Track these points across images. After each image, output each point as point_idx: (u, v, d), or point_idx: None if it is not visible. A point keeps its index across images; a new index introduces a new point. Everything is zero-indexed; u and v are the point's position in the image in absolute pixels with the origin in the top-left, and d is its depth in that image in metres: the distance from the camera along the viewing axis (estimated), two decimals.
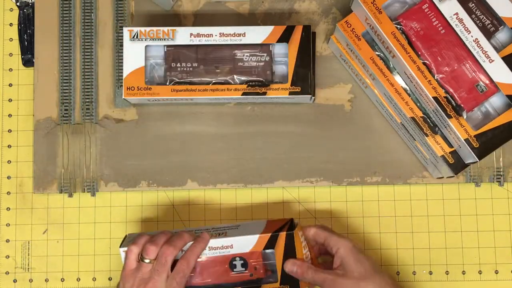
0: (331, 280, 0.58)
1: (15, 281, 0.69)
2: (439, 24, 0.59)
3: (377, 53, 0.63)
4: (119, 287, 0.59)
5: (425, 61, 0.59)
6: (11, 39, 0.73)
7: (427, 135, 0.62)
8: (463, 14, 0.59)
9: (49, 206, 0.70)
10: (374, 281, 0.57)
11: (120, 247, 0.61)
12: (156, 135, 0.69)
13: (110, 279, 0.69)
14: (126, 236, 0.64)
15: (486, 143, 0.58)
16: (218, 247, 0.61)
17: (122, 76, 0.69)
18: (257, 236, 0.60)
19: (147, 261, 0.58)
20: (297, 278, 0.60)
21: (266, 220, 0.64)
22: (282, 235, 0.60)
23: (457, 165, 0.61)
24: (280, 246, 0.60)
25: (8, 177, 0.71)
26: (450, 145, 0.61)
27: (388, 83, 0.62)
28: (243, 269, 0.61)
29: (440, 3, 0.59)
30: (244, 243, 0.60)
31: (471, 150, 0.58)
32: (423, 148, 0.64)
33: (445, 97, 0.59)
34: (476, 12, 0.59)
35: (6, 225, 0.70)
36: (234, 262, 0.61)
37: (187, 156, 0.69)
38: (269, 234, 0.60)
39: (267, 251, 0.60)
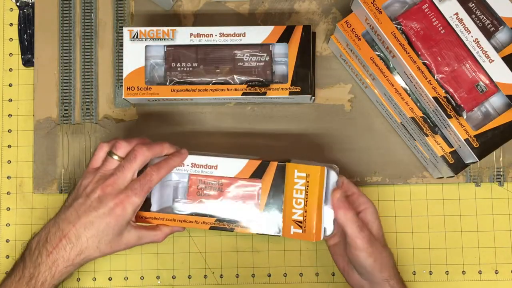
0: (367, 233, 0.56)
1: None
2: (439, 24, 0.59)
3: (377, 53, 0.63)
4: (75, 187, 0.56)
5: (425, 61, 0.59)
6: (11, 39, 0.73)
7: (427, 135, 0.62)
8: (463, 14, 0.59)
9: (49, 206, 0.70)
10: (391, 255, 0.58)
11: None
12: (156, 135, 0.69)
13: (110, 279, 0.69)
14: None
15: (486, 143, 0.58)
16: (202, 165, 0.58)
17: (122, 76, 0.69)
18: (246, 160, 0.58)
19: (115, 157, 0.54)
20: (280, 224, 0.57)
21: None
22: (273, 164, 0.57)
23: (457, 165, 0.61)
24: (268, 176, 0.57)
25: (8, 177, 0.71)
26: (450, 145, 0.61)
27: (388, 83, 0.62)
28: None
29: (440, 3, 0.59)
30: (231, 166, 0.58)
31: (471, 150, 0.58)
32: (423, 148, 0.64)
33: (445, 97, 0.59)
34: (476, 12, 0.60)
35: (6, 225, 0.70)
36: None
37: None
38: (260, 161, 0.57)
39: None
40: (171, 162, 0.57)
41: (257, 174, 0.58)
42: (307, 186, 0.57)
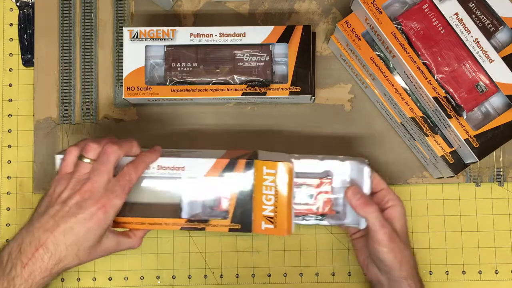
0: (389, 229, 0.56)
1: None
2: (439, 24, 0.59)
3: (377, 53, 0.63)
4: (46, 195, 0.53)
5: (425, 61, 0.59)
6: (11, 39, 0.73)
7: (427, 135, 0.62)
8: (463, 14, 0.59)
9: None
10: (410, 251, 0.58)
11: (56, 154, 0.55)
12: (156, 135, 0.69)
13: (110, 279, 0.69)
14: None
15: (486, 143, 0.58)
16: (168, 167, 0.56)
17: (122, 76, 0.69)
18: (213, 160, 0.56)
19: (86, 160, 0.52)
20: (250, 221, 0.56)
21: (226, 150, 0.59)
22: (242, 162, 0.56)
23: (457, 165, 0.61)
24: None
25: (8, 177, 0.71)
26: (450, 145, 0.61)
27: (388, 83, 0.62)
28: None
29: (440, 3, 0.59)
30: (199, 166, 0.56)
31: (471, 150, 0.58)
32: (423, 148, 0.64)
33: (445, 97, 0.59)
34: (476, 12, 0.59)
35: (6, 225, 0.70)
36: None
37: None
38: (228, 160, 0.56)
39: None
40: (146, 159, 0.55)
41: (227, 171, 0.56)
42: (276, 182, 0.56)
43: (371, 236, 0.57)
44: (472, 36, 0.59)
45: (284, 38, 0.64)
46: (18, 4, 0.73)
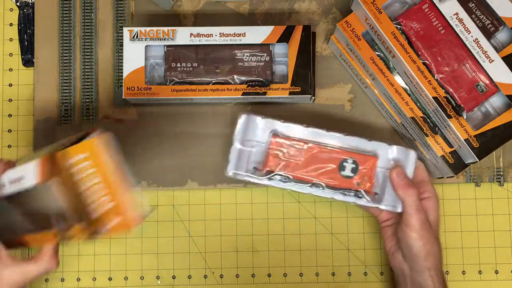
0: (424, 216, 0.57)
1: None
2: (439, 24, 0.59)
3: (377, 53, 0.63)
4: None
5: (425, 61, 0.59)
6: (11, 39, 0.73)
7: (427, 135, 0.62)
8: (463, 14, 0.59)
9: None
10: (439, 244, 0.58)
11: None
12: (156, 135, 0.69)
13: (110, 279, 0.69)
14: None
15: (486, 143, 0.58)
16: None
17: (122, 76, 0.69)
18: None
19: None
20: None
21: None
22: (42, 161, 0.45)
23: (457, 165, 0.61)
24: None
25: None
26: (450, 145, 0.61)
27: (388, 83, 0.62)
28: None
29: (440, 3, 0.59)
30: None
31: (471, 150, 0.58)
32: (423, 148, 0.64)
33: (445, 97, 0.59)
34: (476, 12, 0.59)
35: None
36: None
37: (187, 156, 0.69)
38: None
39: None
40: None
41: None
42: (95, 168, 0.45)
43: (403, 221, 0.57)
44: (472, 36, 0.59)
45: (284, 38, 0.64)
46: (18, 4, 0.73)
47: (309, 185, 0.61)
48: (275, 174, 0.61)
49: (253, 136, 0.62)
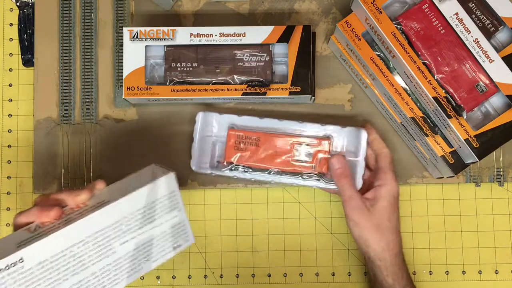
0: (356, 204, 0.58)
1: None
2: (439, 24, 0.59)
3: (377, 53, 0.63)
4: None
5: (425, 61, 0.59)
6: (11, 39, 0.73)
7: (427, 135, 0.62)
8: (463, 14, 0.59)
9: None
10: (388, 238, 0.59)
11: None
12: (156, 135, 0.69)
13: None
14: None
15: (486, 143, 0.58)
16: None
17: (122, 76, 0.69)
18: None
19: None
20: None
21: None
22: None
23: (457, 165, 0.61)
24: None
25: (8, 177, 0.71)
26: (450, 145, 0.61)
27: (388, 83, 0.62)
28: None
29: (440, 3, 0.59)
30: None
31: (471, 150, 0.58)
32: (423, 148, 0.64)
33: (445, 97, 0.59)
34: (476, 12, 0.59)
35: (6, 225, 0.70)
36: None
37: (187, 156, 0.69)
38: None
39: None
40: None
41: None
42: None
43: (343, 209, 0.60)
44: (472, 36, 0.59)
45: (284, 38, 0.64)
46: (18, 4, 0.73)
47: (268, 172, 0.64)
48: (236, 165, 0.64)
49: (212, 132, 0.66)
